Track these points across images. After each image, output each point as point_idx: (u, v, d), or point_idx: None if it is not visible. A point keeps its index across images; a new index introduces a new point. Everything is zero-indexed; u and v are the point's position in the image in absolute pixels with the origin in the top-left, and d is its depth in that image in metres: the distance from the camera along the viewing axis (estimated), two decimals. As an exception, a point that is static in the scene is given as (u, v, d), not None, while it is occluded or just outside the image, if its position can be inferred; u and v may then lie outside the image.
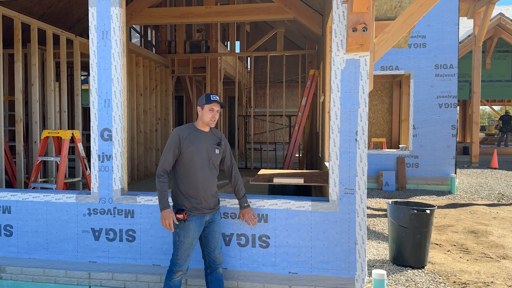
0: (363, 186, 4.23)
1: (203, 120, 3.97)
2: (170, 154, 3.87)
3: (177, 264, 3.91)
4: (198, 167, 3.91)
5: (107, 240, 4.69)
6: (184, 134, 3.90)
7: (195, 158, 3.90)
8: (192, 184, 3.91)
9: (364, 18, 4.03)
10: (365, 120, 4.21)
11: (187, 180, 3.91)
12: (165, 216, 3.82)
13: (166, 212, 3.83)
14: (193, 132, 3.95)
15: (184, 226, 3.87)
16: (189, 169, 3.90)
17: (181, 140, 3.86)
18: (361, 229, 4.24)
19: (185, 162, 3.89)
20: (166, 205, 3.85)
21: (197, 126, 4.01)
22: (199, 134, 3.96)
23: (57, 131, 6.65)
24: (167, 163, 3.88)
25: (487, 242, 6.54)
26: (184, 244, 3.88)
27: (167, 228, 3.82)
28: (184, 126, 4.01)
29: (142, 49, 11.70)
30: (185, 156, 3.87)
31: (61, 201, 4.76)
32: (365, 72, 4.21)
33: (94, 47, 4.62)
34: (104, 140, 4.63)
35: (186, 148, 3.86)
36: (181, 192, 3.92)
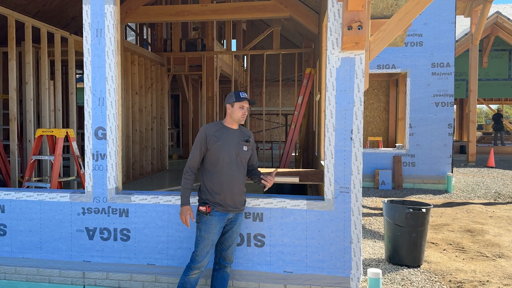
0: (359, 185, 4.21)
1: (233, 118, 3.97)
2: (197, 151, 3.90)
3: (196, 260, 3.90)
4: (224, 163, 3.91)
5: (102, 240, 4.66)
6: (211, 131, 3.91)
7: (221, 154, 3.89)
8: (217, 180, 3.90)
9: (359, 16, 4.01)
10: (360, 119, 4.19)
11: (212, 175, 3.91)
12: (183, 212, 3.87)
13: (184, 208, 3.88)
14: (220, 128, 3.95)
15: (206, 220, 3.86)
16: (215, 165, 3.90)
17: (207, 137, 3.88)
18: (356, 228, 4.23)
19: (211, 158, 3.90)
20: (186, 202, 3.89)
21: (225, 123, 4.01)
22: (227, 131, 3.96)
23: (51, 130, 6.60)
24: (193, 160, 3.90)
25: (483, 241, 6.53)
26: (205, 239, 3.87)
27: (184, 223, 3.87)
28: (211, 124, 4.02)
29: (138, 47, 11.66)
30: (212, 152, 3.88)
31: (55, 200, 4.72)
32: (360, 71, 4.19)
33: (88, 45, 4.59)
34: (98, 139, 4.60)
35: (213, 144, 3.87)
36: (206, 187, 3.92)
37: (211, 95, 13.61)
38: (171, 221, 4.52)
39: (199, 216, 3.90)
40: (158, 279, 4.55)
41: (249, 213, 4.39)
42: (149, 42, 15.34)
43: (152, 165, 12.69)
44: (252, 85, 19.61)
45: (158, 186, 10.10)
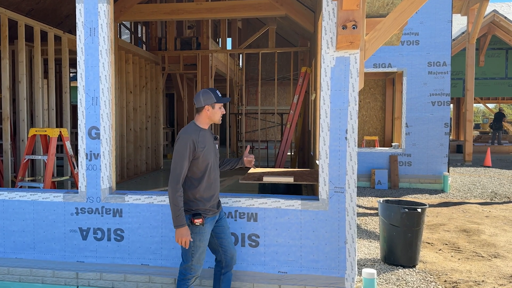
0: (353, 185, 4.19)
1: (213, 119, 3.80)
2: (184, 162, 3.60)
3: (193, 269, 3.74)
4: (212, 167, 3.79)
5: (95, 240, 4.63)
6: (196, 136, 3.66)
7: (209, 160, 3.75)
8: (208, 187, 3.76)
9: (354, 16, 3.98)
10: (355, 118, 4.17)
11: (201, 183, 3.71)
12: (182, 234, 3.56)
13: (183, 230, 3.57)
14: (200, 132, 3.74)
15: (199, 230, 3.69)
16: (204, 172, 3.73)
17: (195, 144, 3.63)
18: (351, 228, 4.21)
19: (200, 166, 3.69)
20: (184, 222, 3.57)
21: (200, 125, 3.80)
22: (205, 133, 3.79)
23: (45, 129, 6.56)
24: (183, 172, 3.60)
25: (479, 241, 6.53)
26: (200, 248, 3.72)
27: (182, 245, 3.60)
28: (190, 128, 3.74)
29: (132, 46, 11.61)
30: (201, 159, 3.68)
31: (48, 200, 4.69)
32: (355, 70, 4.17)
33: (82, 44, 4.56)
34: (91, 139, 4.57)
35: (201, 151, 3.66)
36: (196, 197, 3.70)
37: (206, 94, 13.56)
38: (165, 221, 4.50)
39: (191, 227, 3.67)
40: (152, 279, 4.52)
41: (244, 213, 4.37)
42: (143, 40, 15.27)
43: (146, 164, 12.65)
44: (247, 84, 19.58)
45: (153, 186, 10.07)
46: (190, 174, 3.70)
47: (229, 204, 4.39)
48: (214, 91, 3.81)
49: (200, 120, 3.82)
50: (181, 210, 3.57)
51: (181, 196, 3.58)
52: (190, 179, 3.71)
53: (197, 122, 3.82)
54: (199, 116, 3.82)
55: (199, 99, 3.78)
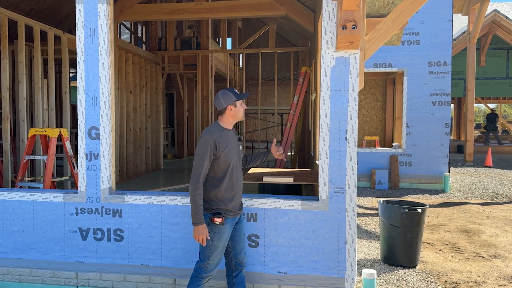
0: (353, 185, 4.19)
1: (237, 117, 3.81)
2: (206, 161, 3.61)
3: (208, 269, 3.75)
4: (234, 167, 3.79)
5: (95, 240, 4.62)
6: (218, 136, 3.66)
7: (231, 160, 3.74)
8: (230, 187, 3.76)
9: (354, 16, 3.98)
10: (355, 119, 4.16)
11: (224, 183, 3.73)
12: (199, 232, 3.59)
13: (201, 228, 3.59)
14: (223, 132, 3.74)
15: (219, 229, 3.70)
16: (225, 172, 3.73)
17: (216, 144, 3.63)
18: (351, 229, 4.20)
19: (222, 166, 3.70)
20: (202, 220, 3.60)
21: (223, 125, 3.80)
22: (228, 133, 3.79)
23: (44, 130, 6.55)
24: (203, 172, 3.62)
25: (480, 241, 6.52)
26: (218, 248, 3.73)
27: (200, 242, 3.63)
28: (212, 128, 3.74)
29: (132, 46, 11.60)
30: (222, 159, 3.68)
31: (48, 201, 4.69)
32: (355, 70, 4.16)
33: (81, 44, 4.55)
34: (91, 139, 4.57)
35: (223, 151, 3.66)
36: (217, 196, 3.71)
37: (206, 94, 13.57)
38: (165, 222, 4.49)
39: (210, 226, 3.69)
40: (152, 279, 4.52)
41: (244, 213, 4.36)
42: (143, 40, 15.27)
43: (146, 164, 12.64)
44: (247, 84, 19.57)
45: (153, 186, 10.06)
46: (212, 174, 3.72)
47: (229, 204, 4.38)
48: (231, 90, 3.82)
49: (224, 121, 3.82)
50: (200, 208, 3.60)
51: (201, 195, 3.61)
52: (212, 179, 3.73)
53: (221, 122, 3.83)
54: (223, 117, 3.82)
55: (219, 101, 3.78)
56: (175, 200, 4.47)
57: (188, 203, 4.43)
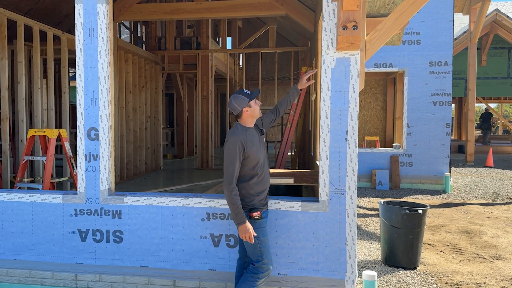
0: (354, 186, 4.16)
1: (255, 115, 3.88)
2: (237, 163, 3.70)
3: (265, 267, 3.77)
4: (263, 162, 3.89)
5: (94, 241, 4.60)
6: (244, 137, 3.75)
7: (260, 156, 3.83)
8: (260, 181, 3.85)
9: (354, 16, 3.95)
10: (356, 120, 4.14)
11: (255, 179, 3.81)
12: (244, 230, 3.65)
13: (245, 226, 3.66)
14: (247, 132, 3.81)
15: (261, 224, 3.79)
16: (255, 168, 3.81)
17: (244, 144, 3.72)
18: (351, 230, 4.18)
19: (252, 164, 3.79)
20: (244, 219, 3.67)
21: (245, 125, 3.88)
22: (252, 132, 3.87)
23: (43, 130, 6.52)
24: (235, 173, 3.70)
25: (481, 243, 6.49)
26: (266, 242, 3.81)
27: (247, 240, 3.67)
28: (237, 130, 3.81)
29: (132, 45, 11.57)
30: (251, 158, 3.77)
31: (47, 202, 4.67)
32: (355, 71, 4.13)
33: (81, 44, 4.53)
34: (90, 140, 4.55)
35: (250, 150, 3.75)
36: (250, 192, 3.80)
37: (206, 94, 13.54)
38: (164, 223, 4.47)
39: (251, 223, 3.73)
40: (151, 281, 4.49)
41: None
42: (143, 40, 15.23)
43: (146, 165, 12.61)
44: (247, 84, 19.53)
45: (153, 187, 10.02)
46: (243, 172, 3.79)
47: (228, 205, 4.36)
48: (241, 92, 3.88)
49: (244, 122, 3.89)
50: (239, 208, 3.67)
51: (237, 195, 3.68)
52: (243, 177, 3.80)
53: (242, 123, 3.89)
54: (241, 119, 3.89)
55: (234, 106, 3.84)
56: (174, 201, 4.44)
57: (188, 205, 4.41)
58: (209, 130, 13.58)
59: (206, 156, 13.61)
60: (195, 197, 4.46)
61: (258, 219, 3.76)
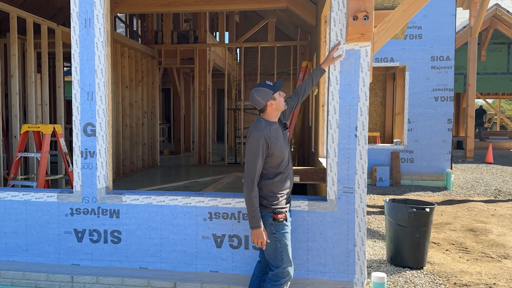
0: (363, 185, 3.99)
1: (280, 108, 3.57)
2: (259, 160, 3.42)
3: (285, 272, 3.51)
4: (287, 160, 3.61)
5: (91, 242, 4.42)
6: (268, 132, 3.46)
7: (284, 153, 3.57)
8: (284, 180, 3.57)
9: (365, 6, 3.77)
10: (366, 115, 3.96)
11: (279, 177, 3.54)
12: (258, 235, 3.40)
13: (259, 231, 3.40)
14: (272, 127, 3.52)
15: (283, 226, 3.51)
16: (278, 167, 3.54)
17: (268, 140, 3.44)
18: (361, 230, 4.01)
19: (276, 162, 3.52)
20: (260, 223, 3.41)
21: (269, 119, 3.56)
22: (276, 127, 3.57)
23: (38, 126, 6.30)
24: (257, 172, 3.42)
25: (487, 241, 6.34)
26: (288, 246, 3.53)
27: (260, 246, 3.43)
28: (260, 125, 3.51)
29: (128, 39, 11.34)
30: (275, 155, 3.50)
31: (42, 200, 4.48)
32: (365, 64, 3.96)
33: (76, 36, 4.32)
34: (87, 136, 4.35)
35: (274, 147, 3.47)
36: (274, 191, 3.52)
37: (203, 89, 13.32)
38: (165, 223, 4.28)
39: (274, 226, 3.49)
40: (151, 283, 4.32)
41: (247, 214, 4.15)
42: (139, 34, 14.99)
43: (143, 161, 12.41)
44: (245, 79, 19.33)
45: (149, 183, 9.82)
46: (267, 171, 3.52)
47: (232, 205, 4.18)
48: (264, 84, 3.59)
49: (268, 116, 3.58)
50: (257, 210, 3.41)
51: (257, 196, 3.42)
52: (266, 175, 3.53)
53: (266, 117, 3.59)
54: (265, 114, 3.58)
55: (257, 100, 3.55)
56: (175, 200, 4.26)
57: (189, 204, 4.23)
58: (206, 126, 13.38)
59: (204, 152, 13.41)
60: (197, 195, 4.27)
61: (282, 222, 3.50)
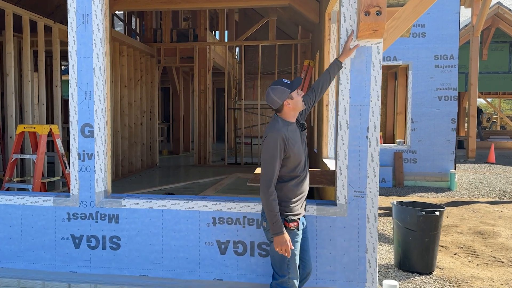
0: (375, 189, 3.81)
1: (298, 108, 3.36)
2: (277, 162, 3.21)
3: (290, 283, 3.30)
4: (304, 161, 3.41)
5: (89, 248, 4.23)
6: (285, 132, 3.25)
7: (302, 156, 3.36)
8: (300, 184, 3.37)
9: (378, 1, 3.59)
10: (377, 115, 3.78)
11: (294, 181, 3.34)
12: (282, 242, 3.17)
13: (282, 238, 3.17)
14: (289, 127, 3.32)
15: (294, 235, 3.30)
16: (297, 170, 3.35)
17: (285, 141, 3.23)
18: (372, 236, 3.83)
19: (292, 164, 3.32)
20: (283, 229, 3.19)
21: (287, 118, 3.35)
22: (294, 127, 3.37)
23: (33, 126, 6.08)
24: (275, 175, 3.22)
25: (496, 245, 6.16)
26: (296, 256, 3.32)
27: (284, 254, 3.19)
28: (277, 125, 3.30)
29: (126, 37, 11.13)
30: (293, 157, 3.29)
31: (38, 205, 4.29)
32: (377, 61, 3.77)
33: (74, 32, 4.13)
34: (85, 137, 4.16)
35: (292, 148, 3.27)
36: (288, 196, 3.32)
37: (203, 88, 13.13)
38: (166, 228, 4.10)
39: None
40: (152, 291, 4.12)
41: (253, 219, 3.98)
42: (137, 32, 14.78)
43: (141, 161, 12.21)
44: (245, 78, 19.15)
45: (149, 185, 9.63)
46: (282, 174, 3.31)
47: (237, 209, 4.00)
48: (281, 82, 3.37)
49: (285, 116, 3.37)
50: (278, 215, 3.19)
51: (275, 200, 3.20)
52: (281, 177, 3.32)
53: (282, 115, 3.37)
54: (282, 114, 3.37)
55: (273, 99, 3.33)
56: (177, 204, 4.07)
57: (192, 208, 4.05)
58: (206, 125, 13.18)
59: (204, 152, 13.22)
60: (200, 200, 4.08)
61: (293, 230, 3.29)
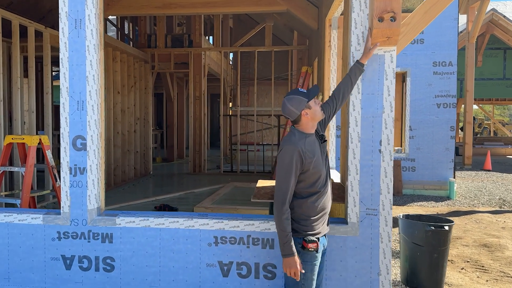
0: (388, 206, 3.57)
1: (316, 118, 3.12)
2: (292, 178, 2.99)
3: None
4: (325, 177, 3.16)
5: (81, 270, 3.95)
6: (303, 145, 3.02)
7: (321, 170, 3.11)
8: (321, 200, 3.12)
9: (392, 6, 3.37)
10: (391, 128, 3.55)
11: (314, 196, 3.09)
12: (291, 264, 2.95)
13: (293, 260, 2.95)
14: (307, 139, 3.07)
15: (312, 257, 3.06)
16: (317, 184, 3.10)
17: (302, 155, 3.00)
18: (386, 257, 3.59)
19: (311, 179, 3.07)
20: (294, 251, 2.96)
21: (305, 130, 3.11)
22: (312, 139, 3.13)
23: (22, 137, 5.76)
24: (290, 191, 3.00)
25: (504, 258, 5.95)
26: (313, 281, 3.08)
27: (293, 276, 2.97)
28: (294, 137, 3.07)
29: (120, 42, 10.85)
30: (311, 171, 3.05)
31: (26, 223, 4.01)
32: (390, 70, 3.55)
33: (65, 38, 3.86)
34: (77, 150, 3.89)
35: (310, 163, 3.03)
36: (308, 214, 3.08)
37: (198, 94, 12.86)
38: (164, 248, 3.82)
39: (302, 255, 3.04)
40: (149, 315, 3.85)
41: (258, 238, 3.72)
42: (130, 37, 14.49)
43: (135, 170, 11.90)
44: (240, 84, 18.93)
45: (142, 195, 9.32)
46: (299, 190, 3.07)
47: (240, 227, 3.74)
48: (297, 92, 3.13)
49: (303, 127, 3.12)
50: (290, 236, 2.96)
51: (289, 219, 2.98)
52: (299, 194, 3.09)
53: (300, 129, 3.13)
54: (300, 125, 3.12)
55: (290, 110, 3.09)
56: (176, 222, 3.81)
57: (192, 226, 3.78)
58: (201, 132, 12.91)
59: (199, 160, 12.93)
60: (201, 217, 3.82)
61: (312, 251, 3.03)
